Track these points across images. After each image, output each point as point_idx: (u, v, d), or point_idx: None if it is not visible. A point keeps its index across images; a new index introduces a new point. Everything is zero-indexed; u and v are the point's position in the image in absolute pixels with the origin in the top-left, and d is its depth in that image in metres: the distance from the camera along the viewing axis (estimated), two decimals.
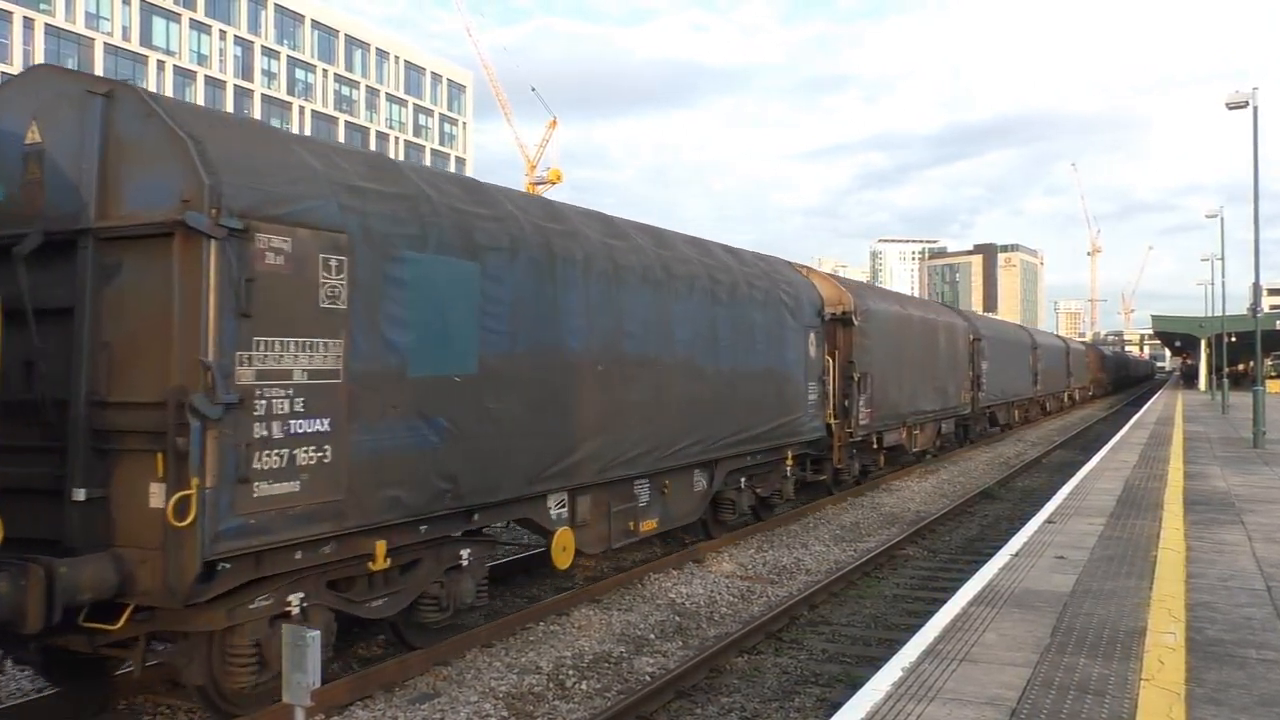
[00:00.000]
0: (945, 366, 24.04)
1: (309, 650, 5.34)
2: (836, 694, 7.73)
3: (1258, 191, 24.92)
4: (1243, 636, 6.93)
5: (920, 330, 21.95)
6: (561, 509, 9.53)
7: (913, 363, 21.26)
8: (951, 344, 24.89)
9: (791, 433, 14.53)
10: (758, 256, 14.74)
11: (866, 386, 17.91)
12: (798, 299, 14.89)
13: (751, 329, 13.20)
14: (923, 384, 21.93)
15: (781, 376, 14.16)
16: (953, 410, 25.03)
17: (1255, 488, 15.34)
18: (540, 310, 8.96)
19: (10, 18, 58.62)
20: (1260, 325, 29.02)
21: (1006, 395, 32.95)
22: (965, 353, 26.49)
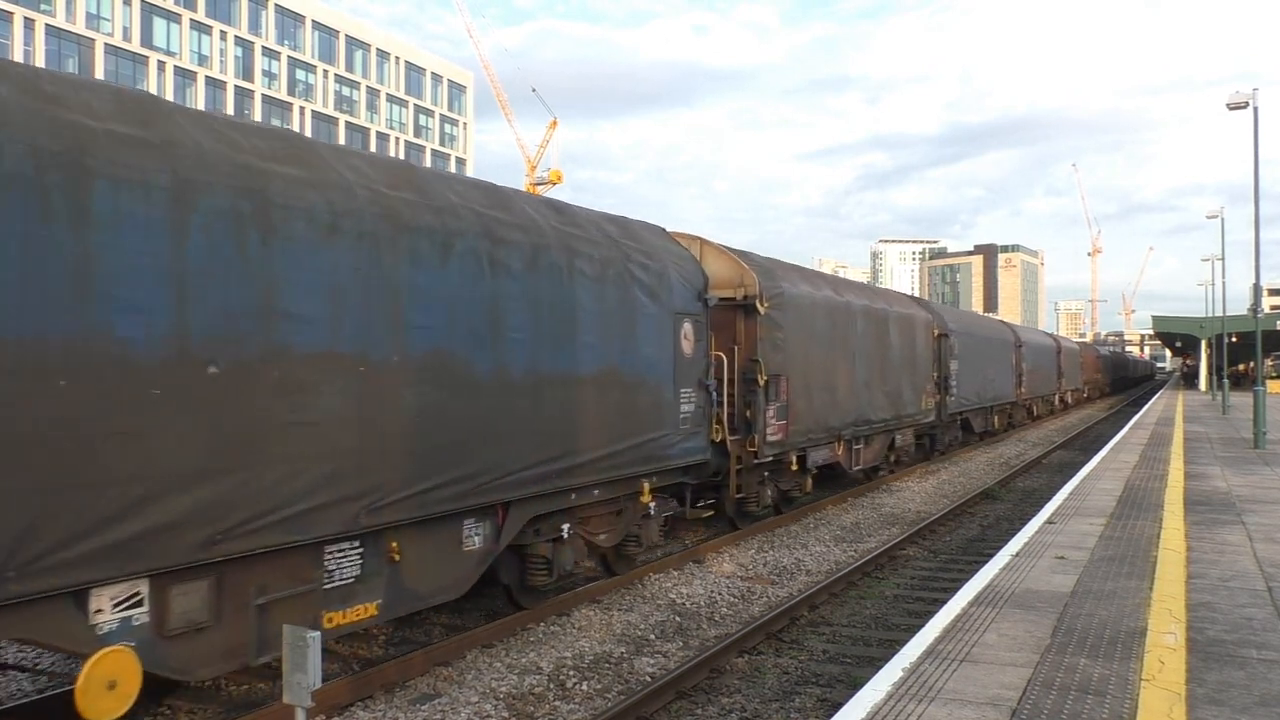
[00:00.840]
0: (900, 366, 20.37)
1: (309, 651, 5.34)
2: (837, 694, 7.73)
3: (1258, 192, 24.92)
4: (1243, 637, 6.93)
5: (863, 322, 18.23)
6: (129, 609, 5.68)
7: (851, 362, 17.53)
8: (908, 340, 21.07)
9: (650, 457, 10.63)
10: (604, 217, 10.85)
11: (778, 393, 14.31)
12: (663, 275, 10.95)
13: (574, 314, 9.35)
14: (867, 388, 18.23)
15: (631, 381, 10.23)
16: (911, 419, 21.35)
17: (1256, 488, 15.33)
18: None
19: (11, 18, 58.63)
20: (1260, 326, 29.00)
21: (983, 399, 29.13)
22: (928, 350, 22.66)
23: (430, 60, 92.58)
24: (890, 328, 19.97)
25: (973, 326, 28.92)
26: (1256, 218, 24.96)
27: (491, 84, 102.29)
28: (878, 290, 21.54)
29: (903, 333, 20.74)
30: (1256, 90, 23.89)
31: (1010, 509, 18.08)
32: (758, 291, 13.72)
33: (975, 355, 28.08)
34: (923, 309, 23.26)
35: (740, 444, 13.67)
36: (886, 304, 20.22)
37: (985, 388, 29.51)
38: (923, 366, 22.21)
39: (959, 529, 16.01)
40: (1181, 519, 12.17)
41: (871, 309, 18.90)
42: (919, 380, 21.87)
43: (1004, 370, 32.73)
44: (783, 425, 14.48)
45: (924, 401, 22.19)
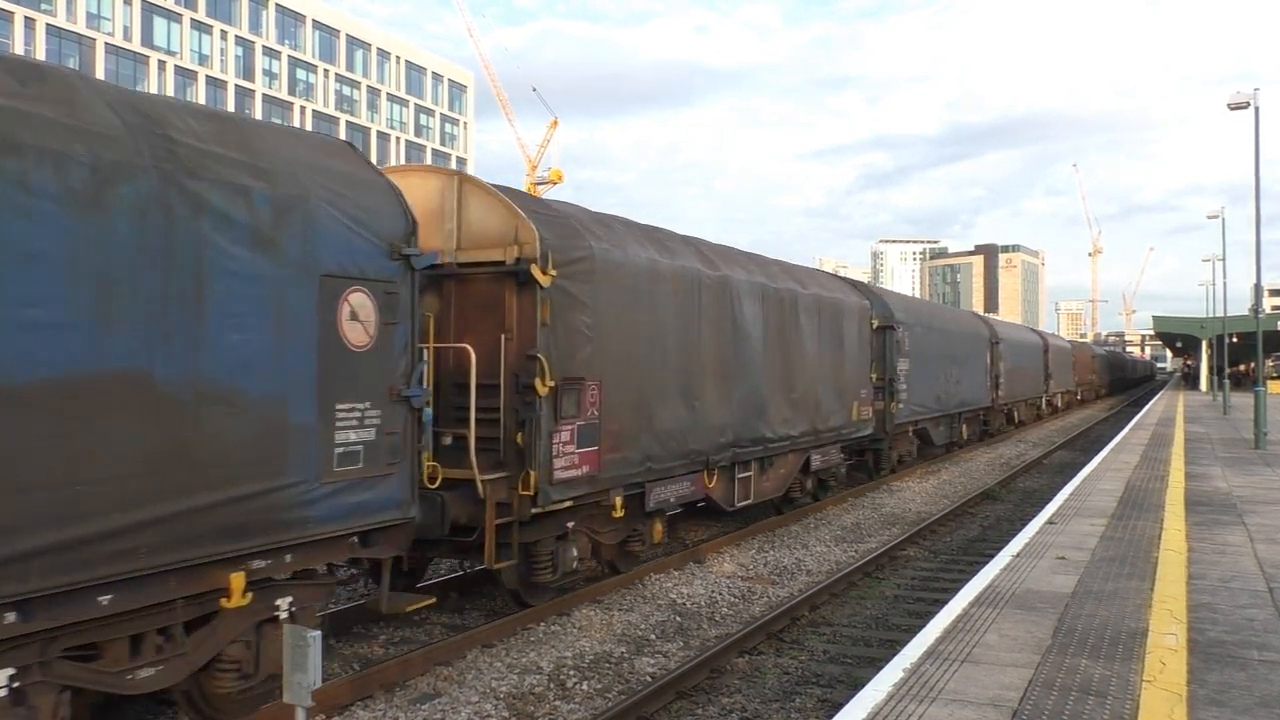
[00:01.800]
0: (819, 366, 15.70)
1: (310, 651, 5.34)
2: (838, 694, 7.73)
3: (1259, 192, 24.91)
4: (1244, 638, 6.93)
5: (752, 306, 13.41)
6: None
7: (728, 360, 12.67)
8: (833, 332, 16.41)
9: (249, 526, 6.20)
10: (139, 99, 6.10)
11: (580, 406, 9.58)
12: (289, 209, 6.53)
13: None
14: (758, 395, 13.47)
15: (184, 395, 5.79)
16: (835, 433, 16.54)
17: (1257, 489, 15.32)
18: None
19: (11, 18, 58.64)
20: (1261, 326, 28.99)
21: (946, 405, 24.60)
22: (864, 346, 18.18)
23: (431, 60, 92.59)
24: (802, 315, 15.07)
25: (932, 318, 24.26)
26: (1257, 218, 24.95)
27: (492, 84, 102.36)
28: (787, 267, 16.05)
29: (824, 323, 15.97)
30: (1257, 90, 23.88)
31: (1011, 509, 18.07)
32: (538, 252, 9.00)
33: (935, 353, 23.42)
34: (857, 293, 18.55)
35: (505, 486, 8.92)
36: (797, 284, 15.26)
37: (949, 391, 24.93)
38: (856, 366, 17.43)
39: (960, 529, 16.00)
40: (1182, 520, 12.16)
41: (769, 289, 14.01)
42: (849, 384, 17.06)
43: (976, 370, 28.23)
44: (590, 454, 9.67)
45: (857, 410, 17.43)
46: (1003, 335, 32.64)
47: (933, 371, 23.35)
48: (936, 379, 23.74)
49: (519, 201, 9.58)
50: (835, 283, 18.19)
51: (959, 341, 26.41)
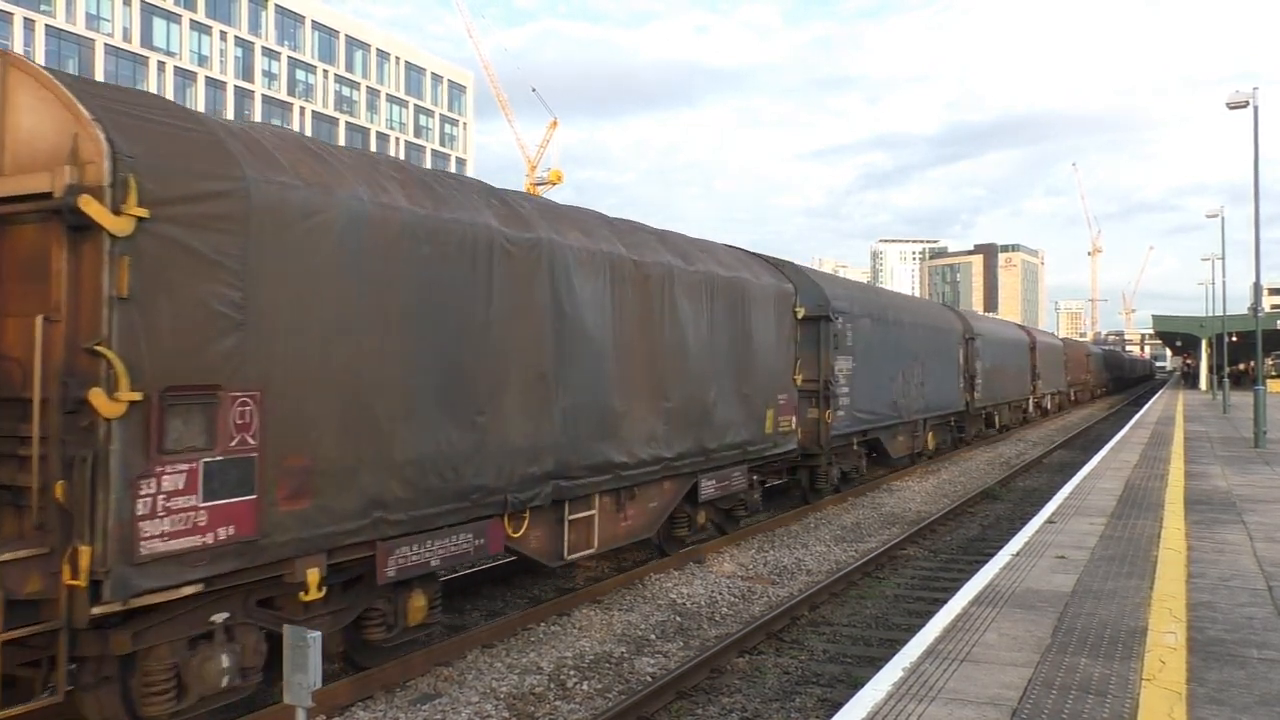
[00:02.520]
0: (710, 364, 12.11)
1: (310, 651, 5.35)
2: (838, 694, 7.73)
3: (1258, 191, 24.92)
4: (1244, 636, 6.93)
5: (594, 285, 9.98)
6: None
7: (552, 358, 9.29)
8: (733, 322, 12.75)
9: None
10: None
11: (212, 431, 6.08)
12: None
13: None
14: (609, 406, 10.12)
15: None
16: (740, 451, 12.94)
17: (1256, 487, 15.33)
18: None
19: (11, 19, 58.63)
20: (1261, 325, 29.00)
21: (905, 411, 20.96)
22: (783, 341, 14.38)
23: (430, 60, 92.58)
24: (683, 300, 11.49)
25: (885, 309, 20.26)
26: (1256, 217, 24.96)
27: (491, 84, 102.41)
28: (665, 236, 12.18)
29: (720, 310, 12.43)
30: (1256, 90, 23.88)
31: (1010, 508, 18.07)
32: (107, 178, 5.58)
33: (890, 350, 20.10)
34: (774, 275, 14.63)
35: (40, 571, 5.58)
36: (676, 257, 11.56)
37: (910, 395, 21.38)
38: (772, 366, 13.89)
39: (959, 529, 16.01)
40: (1182, 518, 12.16)
41: (624, 262, 10.36)
42: (761, 388, 13.51)
43: (945, 370, 24.63)
44: (240, 507, 6.22)
45: (773, 421, 13.93)
46: (979, 330, 28.86)
47: (886, 371, 19.72)
48: (892, 381, 20.16)
49: (90, 94, 5.88)
50: (742, 260, 13.90)
51: (923, 337, 22.57)
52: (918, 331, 22.27)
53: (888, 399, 19.91)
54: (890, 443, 20.67)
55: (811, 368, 16.10)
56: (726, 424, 12.53)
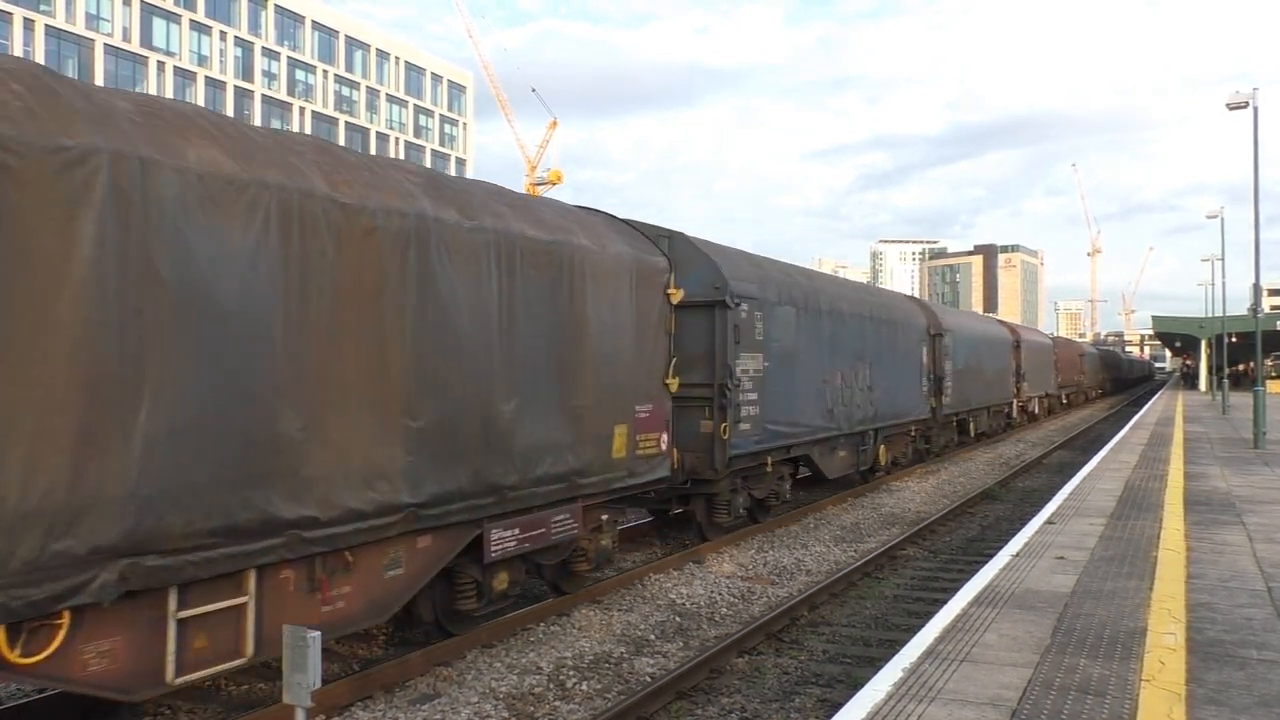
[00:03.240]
0: (506, 366, 8.53)
1: (309, 651, 5.34)
2: (837, 694, 7.73)
3: (1257, 192, 24.93)
4: (1243, 637, 6.93)
5: (214, 236, 5.99)
6: None
7: (114, 359, 5.39)
8: (554, 303, 9.18)
9: None
10: None
11: None
12: None
13: None
14: (267, 430, 6.32)
15: None
16: (567, 484, 9.37)
17: (1256, 488, 15.33)
18: None
19: (10, 19, 58.63)
20: (1260, 326, 29.01)
21: (846, 420, 17.25)
22: (646, 333, 10.77)
23: (430, 60, 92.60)
24: (446, 269, 7.87)
25: (817, 296, 16.34)
26: (1256, 217, 24.97)
27: (491, 85, 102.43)
28: (438, 180, 8.47)
29: (531, 288, 8.83)
30: (1256, 90, 23.90)
31: (1010, 509, 18.08)
32: None
33: (822, 347, 16.32)
34: (632, 244, 10.71)
35: None
36: (445, 209, 7.99)
37: (852, 401, 17.64)
38: (624, 367, 10.26)
39: (959, 529, 16.01)
40: (1181, 519, 12.17)
41: (312, 204, 6.72)
42: (607, 398, 9.93)
43: (903, 371, 20.95)
44: None
45: (629, 442, 10.32)
46: (950, 326, 25.23)
47: (817, 372, 15.97)
48: (827, 384, 16.39)
49: None
50: (579, 221, 9.96)
51: (874, 332, 19.06)
52: (865, 326, 18.62)
53: (819, 406, 16.04)
54: (826, 459, 16.76)
55: (703, 368, 12.68)
56: (537, 449, 8.78)
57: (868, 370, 18.60)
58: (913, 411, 21.78)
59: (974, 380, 27.87)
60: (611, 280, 10.07)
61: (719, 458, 12.71)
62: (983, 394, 29.10)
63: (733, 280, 13.08)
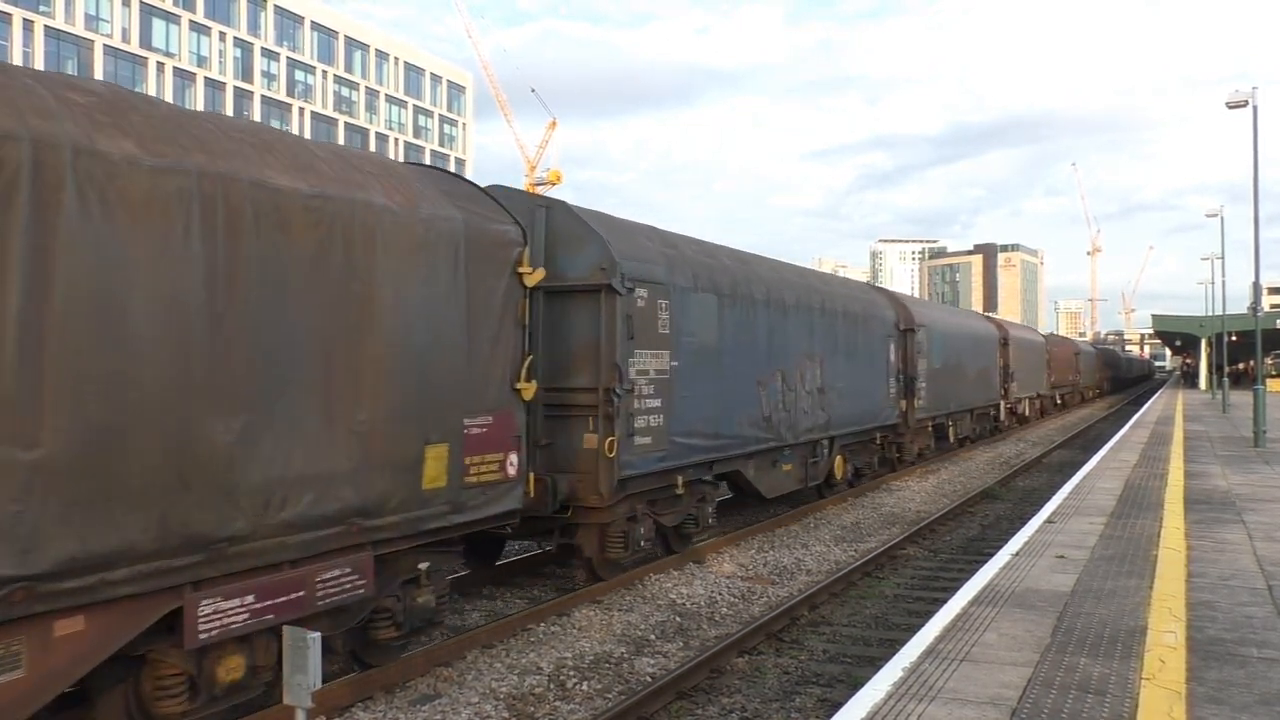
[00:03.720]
0: (215, 367, 5.91)
1: (310, 651, 5.35)
2: (837, 694, 7.73)
3: (1257, 191, 24.93)
4: (1243, 635, 6.93)
5: None
6: None
7: None
8: (328, 284, 6.72)
9: None
10: None
11: None
12: None
13: None
14: None
15: None
16: (344, 528, 6.82)
17: (1256, 487, 15.33)
18: None
19: (10, 19, 58.64)
20: (1260, 324, 29.02)
21: (788, 430, 14.81)
22: (487, 325, 8.29)
23: (429, 61, 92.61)
24: (198, 239, 5.81)
25: (749, 283, 13.79)
26: (1256, 216, 24.98)
27: (490, 85, 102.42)
28: (122, 102, 5.72)
29: (278, 260, 6.36)
30: (1256, 89, 23.90)
31: (1010, 508, 18.08)
32: None
33: (755, 342, 13.80)
34: (461, 208, 8.19)
35: None
36: (144, 149, 5.55)
37: (797, 407, 15.10)
38: (446, 368, 7.83)
39: (959, 528, 16.01)
40: (1181, 518, 12.17)
41: None
42: (414, 408, 7.50)
43: (865, 371, 18.41)
44: None
45: (451, 468, 7.87)
46: (925, 320, 22.80)
47: (746, 373, 13.37)
48: (761, 387, 13.86)
49: None
50: (378, 174, 7.52)
51: (826, 326, 16.52)
52: (816, 319, 16.05)
53: (752, 413, 13.57)
54: (764, 475, 14.26)
55: (588, 369, 10.27)
56: (287, 482, 6.39)
57: (819, 370, 16.12)
58: (878, 416, 19.36)
59: (955, 380, 25.50)
60: (424, 252, 7.59)
61: (605, 480, 10.13)
62: (965, 395, 26.91)
63: (625, 260, 10.55)
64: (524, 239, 8.78)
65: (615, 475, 10.25)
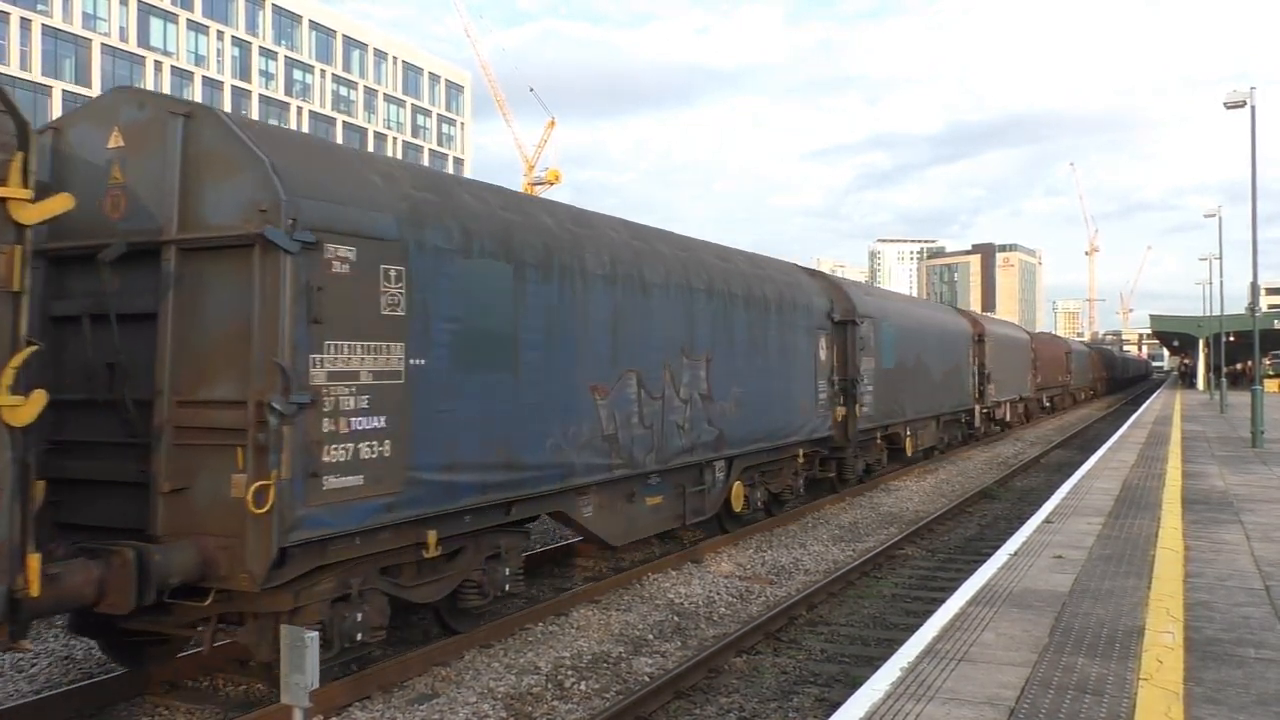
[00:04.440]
0: None
1: (308, 651, 5.34)
2: (835, 694, 7.73)
3: (1255, 191, 24.95)
4: (1241, 635, 6.94)
5: None
6: None
7: None
8: None
9: None
10: None
11: None
12: None
13: None
14: None
15: None
16: None
17: (1254, 487, 15.34)
18: None
19: (8, 18, 58.55)
20: (1258, 325, 29.04)
21: (659, 451, 11.30)
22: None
23: (428, 60, 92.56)
24: None
25: (582, 248, 10.16)
26: (1254, 216, 25.00)
27: (489, 84, 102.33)
28: None
29: None
30: (1254, 89, 23.92)
31: (1008, 508, 18.09)
32: None
33: (589, 332, 10.13)
34: None
35: None
36: None
37: (667, 419, 11.47)
38: None
39: (957, 528, 16.02)
40: (1179, 518, 12.17)
41: None
42: None
43: (781, 370, 14.71)
44: None
45: None
46: (872, 311, 18.92)
47: (568, 373, 9.75)
48: (603, 394, 10.28)
49: None
50: None
51: (718, 312, 12.78)
52: (696, 303, 12.17)
53: (580, 431, 9.85)
54: (610, 515, 10.73)
55: (226, 370, 6.79)
56: None
57: (703, 372, 12.29)
58: (800, 428, 15.34)
59: (913, 383, 21.78)
60: None
61: (256, 548, 6.48)
62: (928, 400, 23.03)
63: (307, 199, 6.84)
64: (20, 137, 5.45)
65: (275, 540, 6.46)
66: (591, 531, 10.49)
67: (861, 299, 18.76)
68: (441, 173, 9.60)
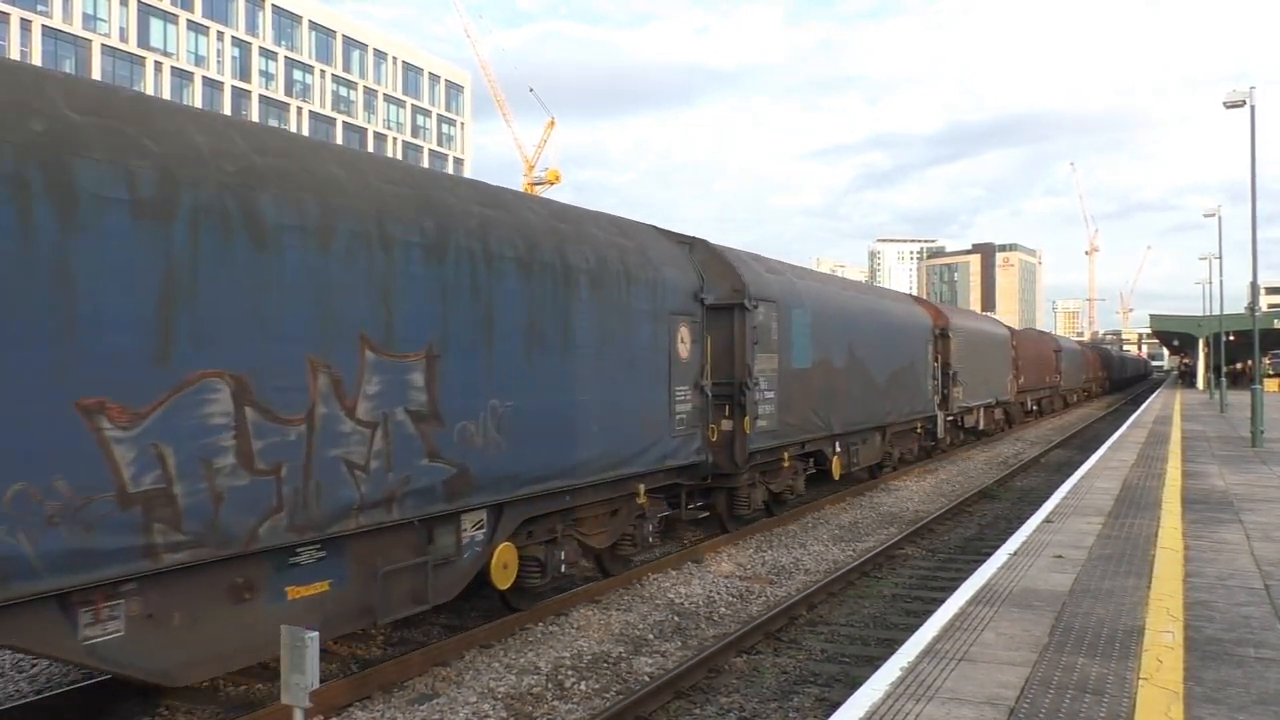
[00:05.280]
0: None
1: (308, 651, 5.34)
2: (835, 694, 7.74)
3: (1255, 191, 24.96)
4: (1241, 635, 6.94)
5: None
6: None
7: None
8: None
9: None
10: None
11: None
12: None
13: None
14: None
15: None
16: None
17: (1254, 486, 15.35)
18: None
19: (8, 19, 58.57)
20: (1258, 324, 29.05)
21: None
22: None
23: (428, 60, 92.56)
24: None
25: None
26: (1254, 217, 25.01)
27: (489, 84, 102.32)
28: None
29: None
30: (1254, 89, 23.92)
31: (1008, 508, 18.09)
32: None
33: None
34: None
35: None
36: None
37: (317, 460, 6.70)
38: None
39: (957, 528, 16.02)
40: (1179, 517, 12.18)
41: None
42: None
43: (615, 374, 10.36)
44: None
45: None
46: (776, 294, 14.46)
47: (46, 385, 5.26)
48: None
49: None
50: None
51: (519, 288, 8.88)
52: (479, 272, 8.40)
53: (45, 484, 5.21)
54: (152, 634, 5.94)
55: None
56: None
57: (420, 374, 7.79)
58: (640, 454, 10.90)
59: (844, 386, 17.25)
60: None
61: None
62: (864, 408, 18.35)
63: None
64: None
65: None
66: (110, 668, 5.80)
67: (758, 276, 14.05)
68: None
